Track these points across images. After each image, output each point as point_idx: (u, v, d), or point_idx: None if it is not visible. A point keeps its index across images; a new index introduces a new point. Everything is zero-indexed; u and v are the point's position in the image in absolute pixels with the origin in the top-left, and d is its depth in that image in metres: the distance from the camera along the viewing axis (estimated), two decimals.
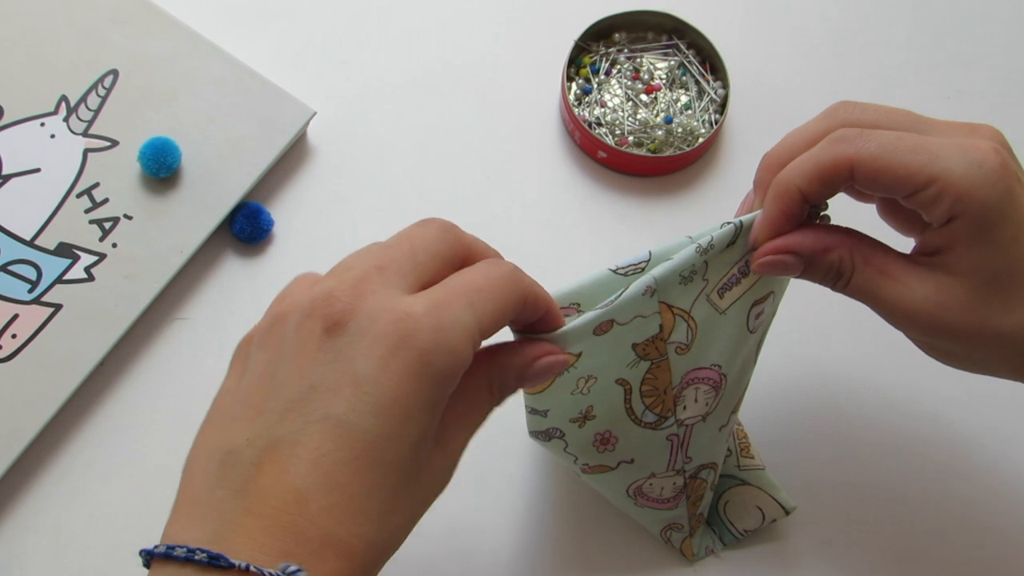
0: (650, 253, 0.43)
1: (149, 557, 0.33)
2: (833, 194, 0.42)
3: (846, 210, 0.46)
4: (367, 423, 0.33)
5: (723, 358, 0.46)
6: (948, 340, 0.42)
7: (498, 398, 0.39)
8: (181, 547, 0.32)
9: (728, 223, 0.42)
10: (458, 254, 0.38)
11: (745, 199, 0.46)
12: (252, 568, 0.31)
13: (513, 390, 0.39)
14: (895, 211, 0.46)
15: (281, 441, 0.33)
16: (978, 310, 0.40)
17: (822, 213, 0.44)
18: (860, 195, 0.45)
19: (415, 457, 0.35)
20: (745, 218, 0.43)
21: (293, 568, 0.31)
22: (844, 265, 0.42)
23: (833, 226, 0.43)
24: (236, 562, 0.31)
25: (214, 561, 0.31)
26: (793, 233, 0.42)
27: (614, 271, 0.43)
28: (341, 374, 0.34)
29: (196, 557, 0.31)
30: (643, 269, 0.43)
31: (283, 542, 0.32)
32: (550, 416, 0.46)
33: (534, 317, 0.39)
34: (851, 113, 0.42)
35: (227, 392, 0.38)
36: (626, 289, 0.41)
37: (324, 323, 0.35)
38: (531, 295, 0.38)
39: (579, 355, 0.42)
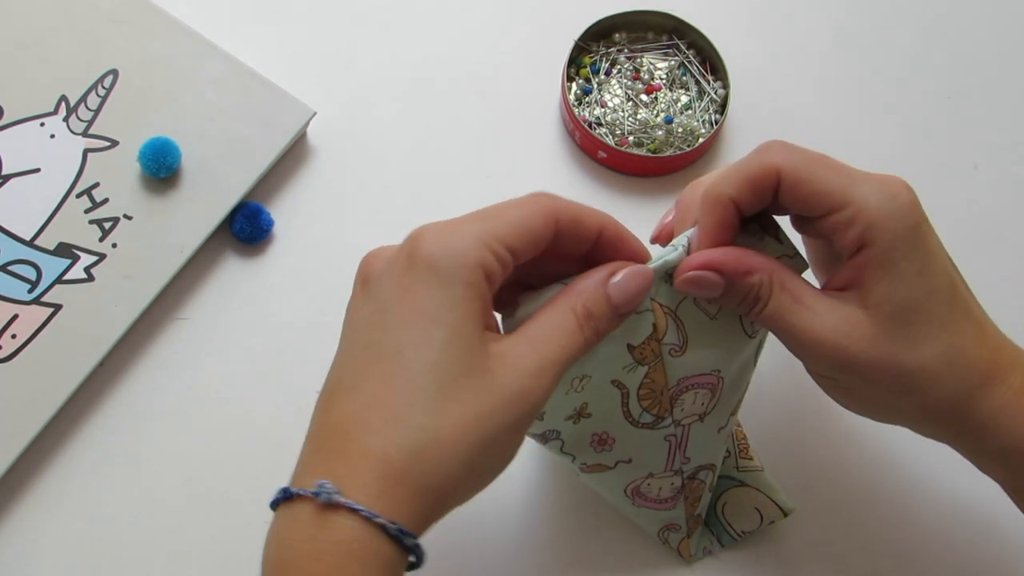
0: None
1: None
2: (762, 205, 0.42)
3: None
4: (393, 337, 0.36)
5: (722, 363, 0.46)
6: (851, 374, 0.42)
7: (584, 316, 0.39)
8: (281, 491, 0.37)
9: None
10: (550, 211, 0.39)
11: (664, 216, 0.46)
12: (292, 490, 0.35)
13: (604, 309, 0.40)
14: (817, 257, 0.47)
15: (337, 381, 0.38)
16: (883, 344, 0.41)
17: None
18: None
19: (453, 358, 0.36)
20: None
21: (326, 483, 0.34)
22: (763, 289, 0.42)
23: (755, 252, 0.43)
24: (293, 490, 0.35)
25: (285, 494, 0.36)
26: (717, 250, 0.42)
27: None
28: (371, 308, 0.38)
29: (275, 498, 0.37)
30: None
31: (328, 464, 0.36)
32: (546, 419, 0.46)
33: (586, 238, 0.40)
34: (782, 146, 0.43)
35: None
36: None
37: (361, 274, 0.40)
38: (568, 214, 0.39)
39: None
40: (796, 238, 0.46)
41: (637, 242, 0.42)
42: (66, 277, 0.56)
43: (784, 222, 0.45)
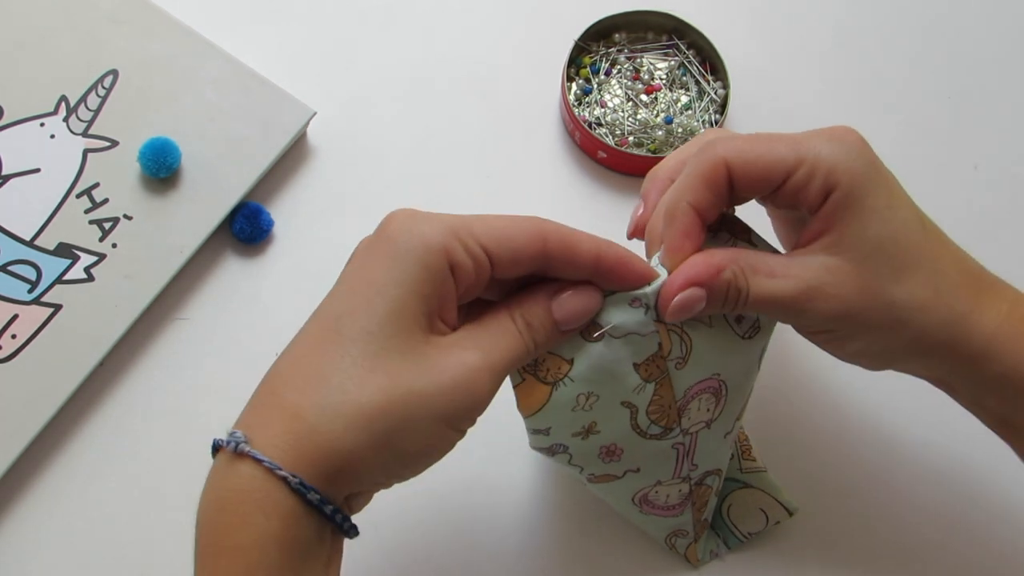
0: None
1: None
2: (721, 203, 0.42)
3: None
4: (336, 303, 0.37)
5: (719, 366, 0.46)
6: (844, 323, 0.42)
7: (524, 329, 0.39)
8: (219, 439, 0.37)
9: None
10: (537, 230, 0.39)
11: (634, 212, 0.46)
12: (216, 440, 0.36)
13: (546, 327, 0.40)
14: (784, 219, 0.48)
15: (287, 345, 0.38)
16: (868, 283, 0.41)
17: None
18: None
19: (389, 332, 0.36)
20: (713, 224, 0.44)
21: (236, 433, 0.35)
22: (739, 281, 0.42)
23: (715, 249, 0.43)
24: (215, 439, 0.36)
25: (213, 444, 0.37)
26: (682, 268, 0.42)
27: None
28: (337, 280, 0.39)
29: (215, 441, 0.37)
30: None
31: (248, 417, 0.37)
32: (552, 433, 0.45)
33: (582, 265, 0.40)
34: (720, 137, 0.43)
35: None
36: (613, 292, 0.42)
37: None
38: (558, 239, 0.39)
39: (571, 361, 0.42)
40: (766, 226, 0.46)
41: (642, 264, 0.41)
42: (66, 277, 0.56)
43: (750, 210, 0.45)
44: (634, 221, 0.46)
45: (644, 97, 0.64)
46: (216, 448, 0.37)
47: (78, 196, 0.58)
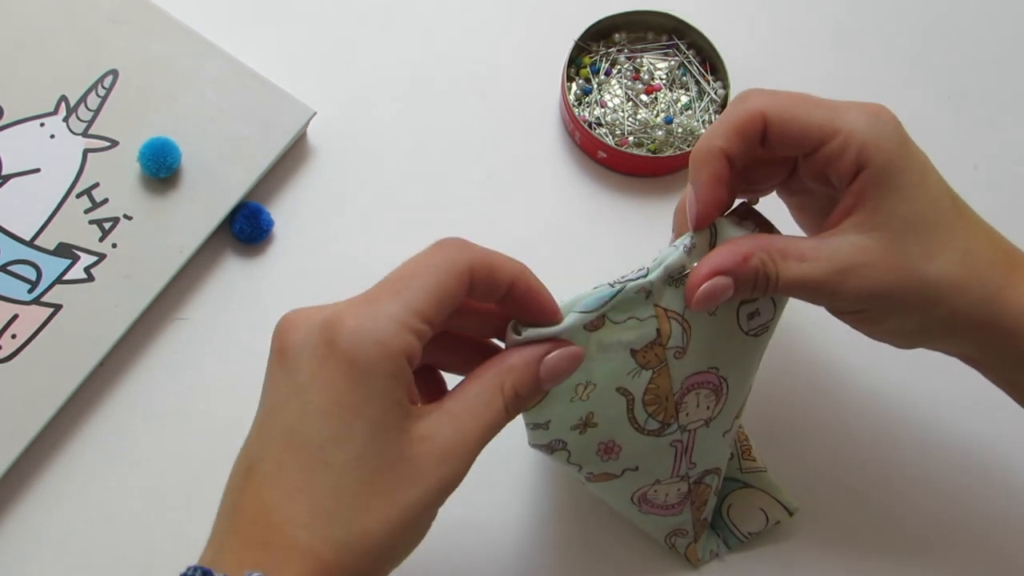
0: (647, 270, 0.43)
1: None
2: (752, 152, 0.42)
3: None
4: (313, 429, 0.35)
5: (719, 360, 0.46)
6: (877, 302, 0.42)
7: (512, 397, 0.39)
8: (191, 568, 0.35)
9: (704, 230, 0.43)
10: (464, 267, 0.38)
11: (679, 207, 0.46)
12: None
13: (532, 390, 0.40)
14: (806, 207, 0.47)
15: (254, 461, 0.37)
16: (900, 261, 0.41)
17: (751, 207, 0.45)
18: (768, 180, 0.46)
19: (377, 454, 0.35)
20: (719, 220, 0.43)
21: (255, 575, 0.33)
22: (768, 267, 0.42)
23: (742, 237, 0.43)
24: (217, 574, 0.34)
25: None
26: (709, 257, 0.42)
27: (611, 285, 0.43)
28: (289, 389, 0.36)
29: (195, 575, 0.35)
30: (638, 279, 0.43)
31: (254, 553, 0.35)
32: (552, 427, 0.45)
33: (498, 289, 0.39)
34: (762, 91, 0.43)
35: None
36: (622, 290, 0.41)
37: (278, 344, 0.38)
38: (482, 266, 0.38)
39: None
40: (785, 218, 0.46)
41: (547, 295, 0.41)
42: (66, 277, 0.56)
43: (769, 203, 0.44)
44: (678, 217, 0.46)
45: (644, 97, 0.64)
46: None
47: (78, 196, 0.58)
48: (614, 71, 0.65)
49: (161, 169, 0.58)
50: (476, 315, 0.42)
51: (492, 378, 0.39)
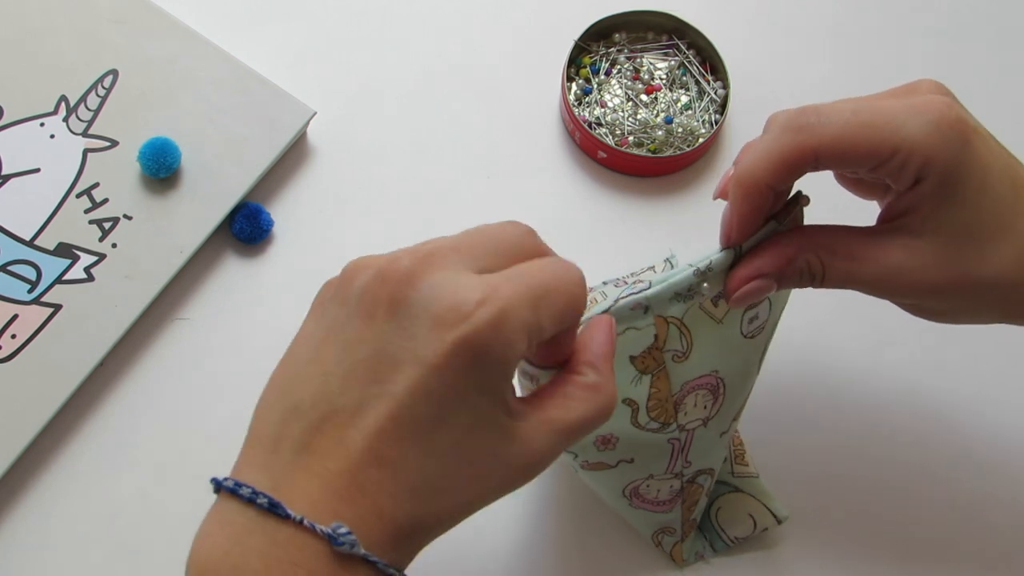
0: (650, 283, 0.42)
1: (218, 487, 0.35)
2: (797, 178, 0.41)
3: (802, 182, 0.44)
4: (422, 407, 0.34)
5: (719, 363, 0.46)
6: (934, 298, 0.42)
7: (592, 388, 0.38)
8: (247, 487, 0.33)
9: (728, 249, 0.42)
10: (533, 256, 0.38)
11: (725, 174, 0.44)
12: (306, 522, 0.32)
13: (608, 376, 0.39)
14: (852, 181, 0.46)
15: (341, 410, 0.34)
16: (955, 264, 0.41)
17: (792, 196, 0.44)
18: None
19: (472, 445, 0.35)
20: (745, 245, 0.42)
21: (344, 529, 0.32)
22: (813, 266, 0.42)
23: (788, 233, 0.43)
24: (293, 514, 0.32)
25: (274, 508, 0.33)
26: (754, 256, 0.42)
27: (613, 284, 0.43)
28: (402, 350, 0.34)
29: (258, 500, 0.33)
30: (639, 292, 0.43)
31: (336, 503, 0.33)
32: None
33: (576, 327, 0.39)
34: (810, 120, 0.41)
35: (303, 338, 0.38)
36: (616, 303, 0.41)
37: (390, 290, 0.35)
38: (583, 303, 0.37)
39: None
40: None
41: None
42: (66, 277, 0.56)
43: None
44: (723, 183, 0.45)
45: (644, 97, 0.64)
46: (272, 509, 0.33)
47: (78, 196, 0.58)
48: (614, 71, 0.65)
49: (161, 169, 0.58)
50: None
51: (592, 385, 0.38)
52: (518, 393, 0.38)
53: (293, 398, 0.36)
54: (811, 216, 0.44)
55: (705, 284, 0.42)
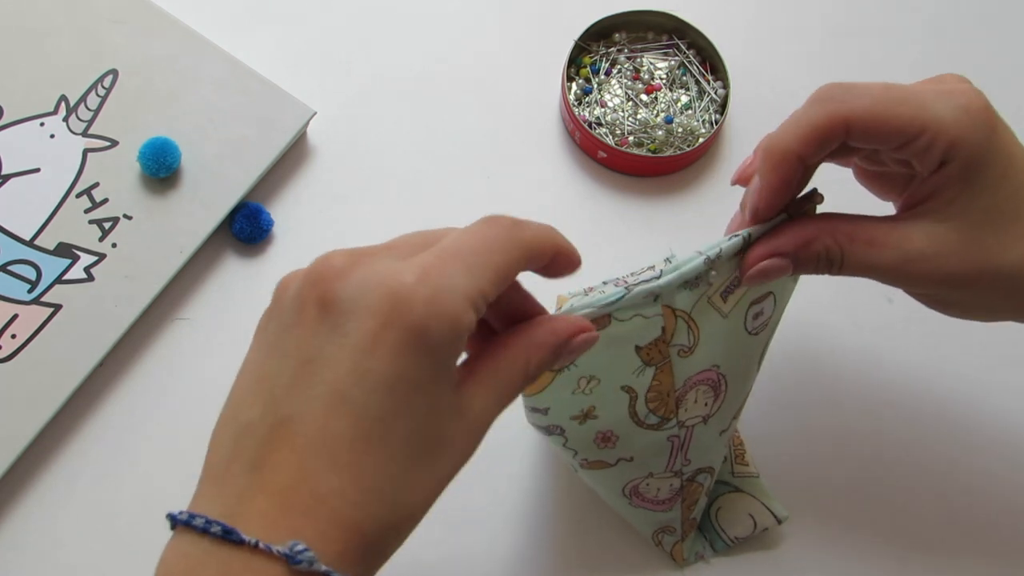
0: (661, 272, 0.42)
1: (173, 522, 0.34)
2: (827, 153, 0.41)
3: (818, 180, 0.45)
4: (371, 400, 0.33)
5: (720, 358, 0.46)
6: (951, 288, 0.42)
7: (532, 375, 0.38)
8: (200, 517, 0.33)
9: (736, 235, 0.42)
10: (524, 250, 0.36)
11: (744, 160, 0.44)
12: (262, 545, 0.31)
13: (546, 368, 0.38)
14: (872, 176, 0.46)
15: (289, 418, 0.33)
16: (975, 252, 0.41)
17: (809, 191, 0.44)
18: (838, 157, 0.45)
19: (428, 431, 0.34)
20: (753, 230, 0.42)
21: (301, 547, 0.31)
22: (832, 252, 0.42)
23: (809, 217, 0.43)
24: (247, 538, 0.31)
25: (227, 535, 0.32)
26: (773, 236, 0.42)
27: (617, 284, 0.43)
28: (340, 347, 0.33)
29: (212, 530, 0.32)
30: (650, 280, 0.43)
31: (292, 520, 0.32)
32: (550, 414, 0.46)
33: (542, 264, 0.38)
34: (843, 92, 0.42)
35: (247, 363, 0.37)
36: (626, 294, 0.41)
37: (320, 290, 0.34)
38: (535, 246, 0.36)
39: None
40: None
41: (576, 255, 0.39)
42: (66, 277, 0.56)
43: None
44: (741, 168, 0.44)
45: (644, 97, 0.64)
46: (226, 536, 0.32)
47: (78, 196, 0.58)
48: (614, 71, 0.65)
49: (161, 169, 0.58)
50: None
51: (520, 353, 0.37)
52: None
53: (243, 419, 0.35)
54: None
55: (713, 272, 0.42)
